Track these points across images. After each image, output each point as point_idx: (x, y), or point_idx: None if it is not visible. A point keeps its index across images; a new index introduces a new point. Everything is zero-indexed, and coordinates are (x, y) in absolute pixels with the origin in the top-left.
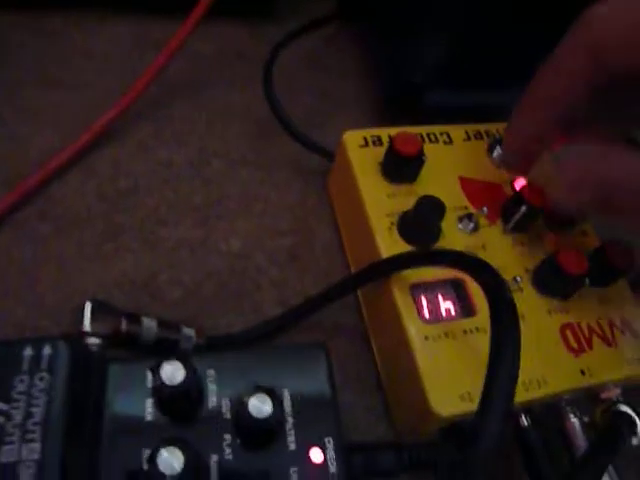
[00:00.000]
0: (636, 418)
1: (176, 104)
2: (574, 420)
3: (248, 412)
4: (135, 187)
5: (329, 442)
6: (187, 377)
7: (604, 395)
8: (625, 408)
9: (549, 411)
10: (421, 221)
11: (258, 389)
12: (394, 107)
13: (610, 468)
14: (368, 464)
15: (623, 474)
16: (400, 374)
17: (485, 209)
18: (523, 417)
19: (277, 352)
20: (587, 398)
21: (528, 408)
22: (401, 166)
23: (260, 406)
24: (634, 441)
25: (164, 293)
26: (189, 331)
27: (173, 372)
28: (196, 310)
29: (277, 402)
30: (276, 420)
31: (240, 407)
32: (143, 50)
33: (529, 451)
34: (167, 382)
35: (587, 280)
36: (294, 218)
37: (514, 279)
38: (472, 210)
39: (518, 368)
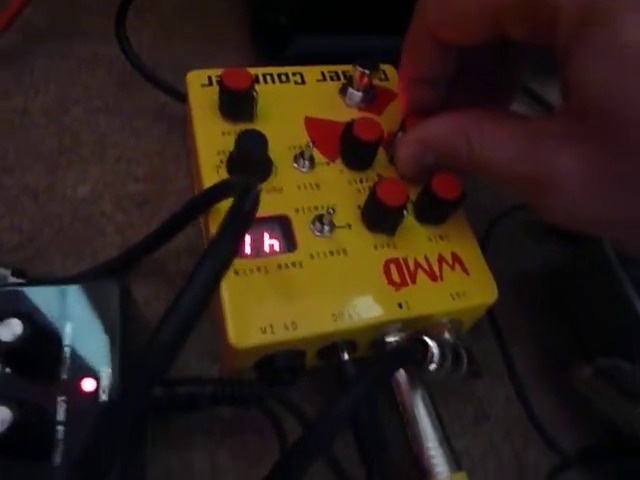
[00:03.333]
0: (431, 345)
1: (37, 52)
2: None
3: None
4: None
5: (104, 372)
6: None
7: (433, 331)
8: (426, 338)
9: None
10: (242, 156)
11: (10, 315)
12: (264, 52)
13: (425, 395)
14: (168, 397)
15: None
16: (216, 311)
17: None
18: (345, 352)
19: (68, 287)
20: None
21: (352, 342)
22: (232, 102)
23: (10, 329)
24: (431, 367)
25: (1, 239)
26: (3, 271)
27: None
28: (33, 255)
29: (29, 325)
30: (25, 341)
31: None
32: None
33: (345, 385)
34: None
35: (405, 212)
36: (151, 165)
37: (327, 210)
38: (310, 149)
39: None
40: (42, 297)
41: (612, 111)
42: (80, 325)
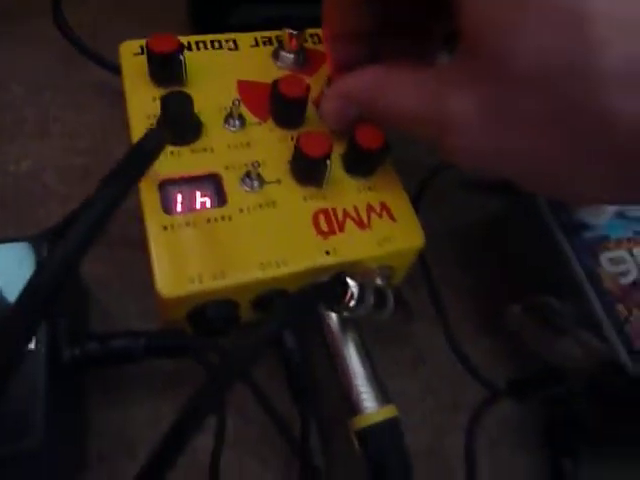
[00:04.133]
0: (350, 283)
1: None
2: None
3: None
4: None
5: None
6: None
7: (363, 277)
8: (346, 276)
9: None
10: (167, 117)
11: None
12: (203, 26)
13: (355, 336)
14: (103, 350)
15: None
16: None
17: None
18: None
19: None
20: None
21: (283, 291)
22: (159, 67)
23: None
24: (351, 303)
25: None
26: None
27: None
28: None
29: None
30: None
31: None
32: None
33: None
34: None
35: (329, 161)
36: (93, 139)
37: (253, 164)
38: (237, 106)
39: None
40: None
41: (493, 43)
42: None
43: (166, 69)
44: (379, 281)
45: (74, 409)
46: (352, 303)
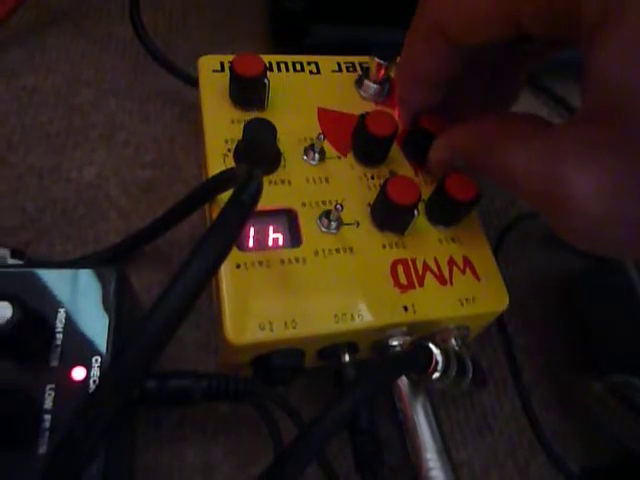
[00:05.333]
0: (435, 352)
1: (51, 32)
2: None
3: None
4: None
5: (96, 361)
6: None
7: (439, 337)
8: (430, 344)
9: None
10: (249, 145)
11: (2, 297)
12: (281, 41)
13: (427, 403)
14: (160, 389)
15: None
16: (216, 304)
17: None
18: (345, 353)
19: (64, 272)
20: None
21: (353, 344)
22: (242, 89)
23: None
24: (434, 375)
25: (3, 219)
26: (2, 251)
27: None
28: (34, 237)
29: (20, 309)
30: (15, 326)
31: None
32: None
33: (344, 387)
34: None
35: (416, 211)
36: (159, 151)
37: (335, 206)
38: (320, 141)
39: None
40: (38, 280)
41: (636, 115)
42: (75, 311)
43: (248, 92)
44: (454, 342)
45: (126, 446)
46: (436, 375)
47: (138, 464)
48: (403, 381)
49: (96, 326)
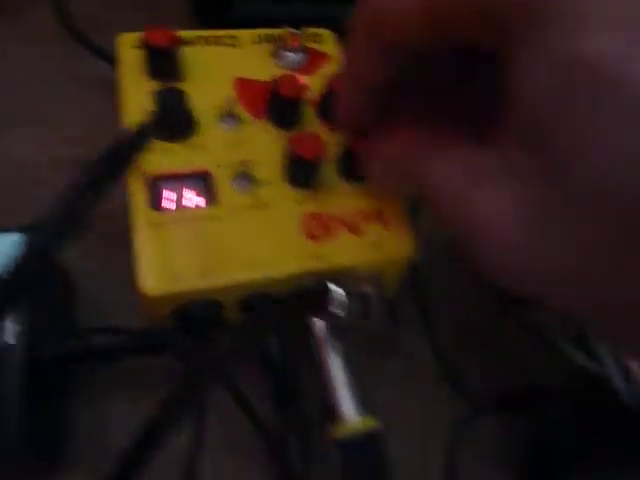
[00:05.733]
0: (332, 288)
1: None
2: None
3: None
4: None
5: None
6: None
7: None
8: (328, 282)
9: None
10: (160, 113)
11: None
12: (207, 19)
13: (338, 344)
14: (83, 346)
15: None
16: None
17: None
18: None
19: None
20: None
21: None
22: (156, 60)
23: None
24: (335, 310)
25: None
26: None
27: None
28: None
29: None
30: None
31: None
32: None
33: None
34: None
35: (321, 165)
36: (87, 128)
37: (248, 166)
38: (238, 108)
39: None
40: None
41: (556, 136)
42: None
43: (162, 63)
44: (368, 289)
45: (51, 406)
46: (336, 310)
47: (70, 422)
48: (316, 323)
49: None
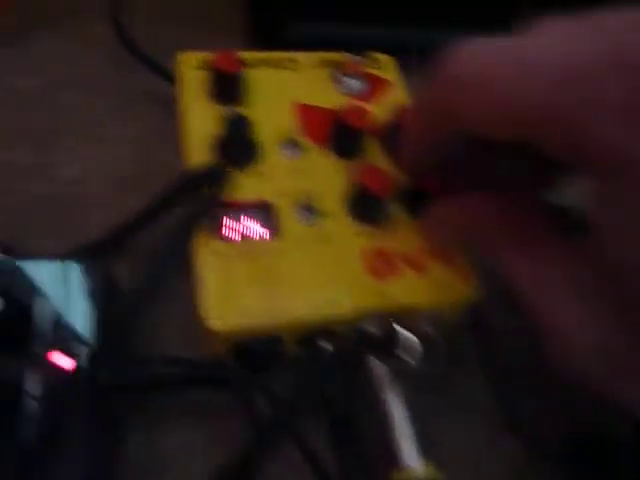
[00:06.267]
0: (401, 332)
1: (34, 34)
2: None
3: None
4: None
5: (83, 351)
6: None
7: (413, 322)
8: (396, 325)
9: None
10: (228, 139)
11: None
12: (262, 37)
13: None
14: (141, 376)
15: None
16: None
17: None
18: (323, 340)
19: (51, 265)
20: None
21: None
22: (221, 85)
23: None
24: (401, 355)
25: None
26: None
27: None
28: (8, 232)
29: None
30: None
31: None
32: None
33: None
34: None
35: (389, 201)
36: (142, 148)
37: (312, 198)
38: (300, 135)
39: None
40: (26, 273)
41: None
42: (61, 303)
43: (228, 88)
44: (431, 331)
45: (109, 432)
46: (405, 357)
47: (121, 450)
48: (376, 365)
49: (81, 317)
